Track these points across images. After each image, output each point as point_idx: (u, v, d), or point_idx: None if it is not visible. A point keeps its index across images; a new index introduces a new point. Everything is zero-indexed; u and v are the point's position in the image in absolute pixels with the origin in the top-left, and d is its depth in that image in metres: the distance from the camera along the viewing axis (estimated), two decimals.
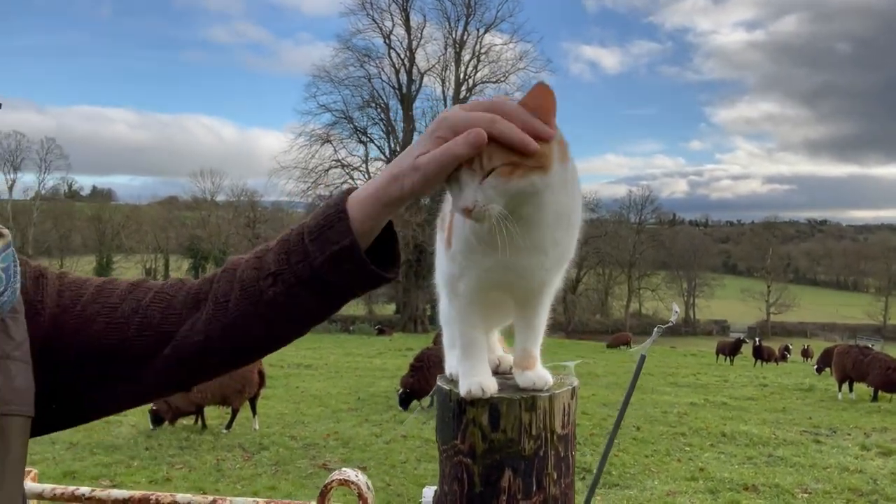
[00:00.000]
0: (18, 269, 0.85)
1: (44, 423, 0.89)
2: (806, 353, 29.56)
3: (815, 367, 18.39)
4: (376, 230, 0.85)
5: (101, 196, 71.23)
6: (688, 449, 8.21)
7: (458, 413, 0.92)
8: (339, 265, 0.82)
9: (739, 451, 8.11)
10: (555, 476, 0.94)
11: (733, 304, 67.85)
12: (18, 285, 0.84)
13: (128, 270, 54.39)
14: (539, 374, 0.94)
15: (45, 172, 49.29)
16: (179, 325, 0.89)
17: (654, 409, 10.86)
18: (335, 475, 1.19)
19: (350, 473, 1.16)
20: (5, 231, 0.84)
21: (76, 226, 54.78)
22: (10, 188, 47.70)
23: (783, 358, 27.24)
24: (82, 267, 53.48)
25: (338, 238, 0.82)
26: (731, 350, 25.25)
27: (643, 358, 1.17)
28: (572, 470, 0.98)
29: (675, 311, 1.23)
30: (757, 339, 25.51)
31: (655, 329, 1.31)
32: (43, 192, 50.20)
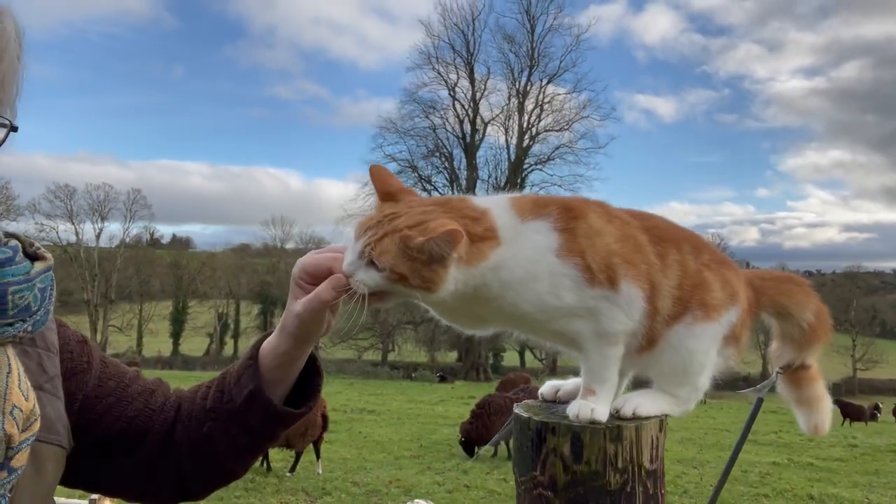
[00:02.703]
0: (54, 293, 0.89)
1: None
2: None
3: None
4: (290, 373, 0.99)
5: (180, 244, 74.72)
6: None
7: (538, 442, 0.87)
8: (253, 404, 0.96)
9: None
10: None
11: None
12: (52, 308, 0.88)
13: (201, 315, 56.39)
14: (580, 403, 0.90)
15: (129, 221, 52.03)
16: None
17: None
18: None
19: None
20: (48, 255, 0.89)
21: (156, 272, 57.43)
22: (98, 236, 50.63)
23: (873, 417, 25.31)
24: (159, 311, 55.86)
25: (249, 382, 0.96)
26: None
27: (760, 401, 1.09)
28: None
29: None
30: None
31: (776, 371, 1.23)
32: (127, 240, 52.94)
